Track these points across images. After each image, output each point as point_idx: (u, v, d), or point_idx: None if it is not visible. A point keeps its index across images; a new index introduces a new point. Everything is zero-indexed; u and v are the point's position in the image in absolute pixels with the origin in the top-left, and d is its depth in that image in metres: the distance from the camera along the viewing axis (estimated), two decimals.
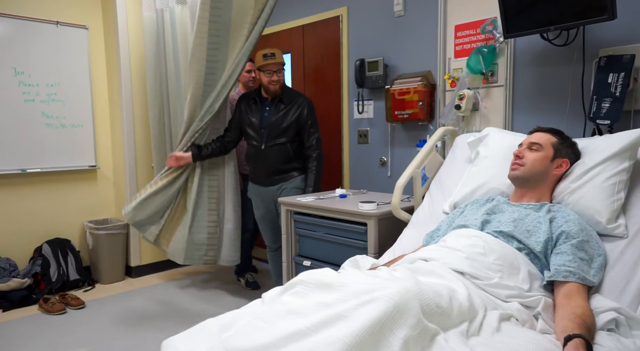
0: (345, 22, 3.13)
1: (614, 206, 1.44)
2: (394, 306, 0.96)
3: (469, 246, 1.37)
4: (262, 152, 2.74)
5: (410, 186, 2.30)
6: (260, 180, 2.83)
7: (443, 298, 1.10)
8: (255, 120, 2.75)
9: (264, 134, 2.72)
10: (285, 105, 2.73)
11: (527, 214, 1.47)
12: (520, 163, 1.56)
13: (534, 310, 1.25)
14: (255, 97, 2.78)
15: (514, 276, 1.29)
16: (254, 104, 2.77)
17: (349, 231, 2.28)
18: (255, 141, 2.75)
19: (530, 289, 1.28)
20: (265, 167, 2.78)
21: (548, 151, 1.56)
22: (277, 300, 1.20)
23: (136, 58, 3.60)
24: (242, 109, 2.81)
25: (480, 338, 1.10)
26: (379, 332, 0.93)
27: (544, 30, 2.00)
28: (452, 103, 2.48)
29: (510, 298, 1.24)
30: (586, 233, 1.38)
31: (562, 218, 1.41)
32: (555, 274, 1.29)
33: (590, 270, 1.31)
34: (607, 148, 1.52)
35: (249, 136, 2.78)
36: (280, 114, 2.71)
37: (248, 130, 2.77)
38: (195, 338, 1.13)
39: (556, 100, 2.19)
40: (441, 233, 1.67)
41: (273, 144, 2.72)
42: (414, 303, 0.99)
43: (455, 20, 2.53)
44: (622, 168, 1.47)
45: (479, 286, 1.26)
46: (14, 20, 3.27)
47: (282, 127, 2.71)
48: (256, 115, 2.74)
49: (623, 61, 1.86)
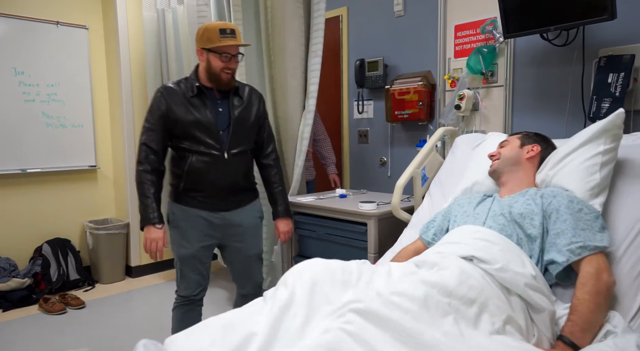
0: (345, 22, 3.14)
1: (589, 185, 1.48)
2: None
3: (474, 240, 1.39)
4: (224, 163, 1.97)
5: (410, 186, 2.31)
6: (214, 203, 2.00)
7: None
8: (208, 118, 1.94)
9: (224, 137, 1.97)
10: (241, 98, 2.05)
11: (516, 200, 1.51)
12: (496, 158, 1.69)
13: (535, 314, 1.25)
14: (195, 88, 1.95)
15: (520, 266, 1.30)
16: (196, 99, 1.95)
17: (349, 231, 2.28)
18: (212, 149, 1.94)
19: (536, 279, 1.29)
20: (226, 183, 2.01)
21: (515, 142, 1.70)
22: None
23: (136, 58, 3.60)
24: (176, 107, 1.93)
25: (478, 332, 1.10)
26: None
27: (544, 30, 2.00)
28: (452, 103, 2.48)
29: (528, 288, 1.24)
30: (576, 201, 1.42)
31: (549, 196, 1.45)
32: (571, 256, 1.32)
33: (596, 236, 1.33)
34: (581, 136, 1.58)
35: (199, 142, 1.94)
36: (241, 110, 2.03)
37: (197, 133, 1.93)
38: (197, 336, 1.13)
39: (556, 100, 2.19)
40: (436, 224, 1.71)
41: (238, 151, 2.01)
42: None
43: (455, 20, 2.54)
44: (596, 152, 1.52)
45: (487, 270, 1.26)
46: (14, 20, 3.27)
47: (247, 127, 2.06)
48: (205, 112, 1.95)
49: (623, 61, 1.87)
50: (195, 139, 1.93)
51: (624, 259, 1.38)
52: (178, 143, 1.96)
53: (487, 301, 1.17)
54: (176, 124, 1.93)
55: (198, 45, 1.93)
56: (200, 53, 1.94)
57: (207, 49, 1.90)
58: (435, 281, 1.17)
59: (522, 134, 1.74)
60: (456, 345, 1.02)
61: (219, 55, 1.90)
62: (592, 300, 1.23)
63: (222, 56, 1.90)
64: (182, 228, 1.99)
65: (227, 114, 2.00)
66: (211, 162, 1.95)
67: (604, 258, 1.32)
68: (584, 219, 1.37)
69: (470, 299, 1.15)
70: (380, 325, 1.02)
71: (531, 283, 1.25)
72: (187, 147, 1.95)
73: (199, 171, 1.95)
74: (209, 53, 1.91)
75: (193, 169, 1.94)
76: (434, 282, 1.17)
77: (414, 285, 1.16)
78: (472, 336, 1.08)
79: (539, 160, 1.66)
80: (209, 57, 1.92)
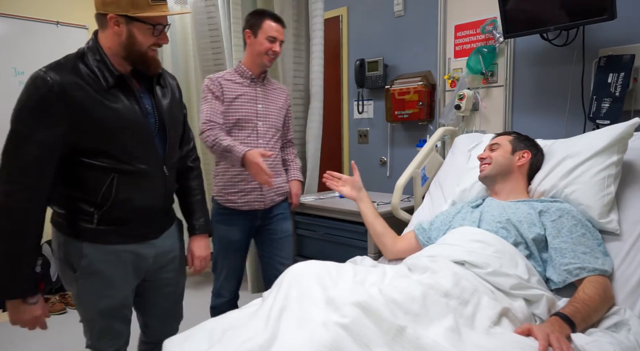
0: (345, 22, 3.13)
1: (605, 200, 1.45)
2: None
3: (468, 241, 1.38)
4: (163, 181, 1.47)
5: (410, 186, 2.30)
6: (144, 233, 1.48)
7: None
8: (138, 119, 1.38)
9: (158, 144, 1.44)
10: (163, 87, 1.52)
11: (517, 207, 1.49)
12: (487, 162, 1.65)
13: (534, 306, 1.26)
14: (112, 76, 1.34)
15: (513, 268, 1.30)
16: (115, 91, 1.35)
17: (349, 231, 2.28)
18: (146, 163, 1.40)
19: (529, 280, 1.28)
20: (162, 205, 1.52)
21: (506, 146, 1.66)
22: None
23: None
24: (86, 103, 1.28)
25: (475, 332, 1.10)
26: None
27: (544, 30, 2.00)
28: (452, 103, 2.48)
29: (514, 290, 1.24)
30: (581, 225, 1.39)
31: (555, 214, 1.42)
32: (568, 277, 1.31)
33: (597, 260, 1.32)
34: (594, 144, 1.53)
35: (127, 155, 1.36)
36: (169, 103, 1.51)
37: (124, 142, 1.36)
38: (196, 338, 1.13)
39: (556, 100, 2.19)
40: (435, 226, 1.69)
41: (175, 160, 1.55)
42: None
43: (455, 20, 2.53)
44: (610, 162, 1.48)
45: (479, 275, 1.26)
46: (14, 20, 3.27)
47: (179, 126, 1.58)
48: (132, 110, 1.37)
49: (623, 61, 1.86)
50: (120, 151, 1.34)
51: (627, 261, 1.37)
52: (90, 159, 1.32)
53: (480, 300, 1.17)
54: (88, 131, 1.30)
55: (108, 9, 1.31)
56: (113, 22, 1.32)
57: (129, 17, 1.31)
58: (431, 283, 1.17)
59: (512, 136, 1.70)
60: (454, 347, 1.02)
61: (150, 28, 1.35)
62: (598, 301, 1.22)
63: (155, 29, 1.36)
64: (102, 273, 1.40)
65: (153, 111, 1.44)
66: (146, 182, 1.41)
67: (606, 279, 1.30)
68: (586, 244, 1.35)
69: (465, 300, 1.16)
70: (379, 322, 1.01)
71: (524, 284, 1.26)
72: (106, 165, 1.33)
73: (128, 197, 1.38)
74: (132, 23, 1.32)
75: (120, 196, 1.36)
76: (430, 283, 1.17)
77: (412, 284, 1.16)
78: (469, 335, 1.08)
79: (529, 167, 1.64)
80: (132, 28, 1.33)
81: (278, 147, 2.26)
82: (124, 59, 1.37)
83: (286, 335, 0.98)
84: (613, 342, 1.09)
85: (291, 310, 1.06)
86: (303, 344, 0.93)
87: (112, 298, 1.45)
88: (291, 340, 0.96)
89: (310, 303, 1.06)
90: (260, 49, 2.07)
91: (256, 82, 2.16)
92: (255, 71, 2.14)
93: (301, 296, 1.10)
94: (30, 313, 1.29)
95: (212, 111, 2.06)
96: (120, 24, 1.32)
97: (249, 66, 2.15)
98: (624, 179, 1.52)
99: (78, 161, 1.32)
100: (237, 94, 2.10)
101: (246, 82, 2.14)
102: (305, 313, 1.03)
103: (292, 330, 0.99)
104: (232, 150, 1.92)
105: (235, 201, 2.12)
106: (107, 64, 1.34)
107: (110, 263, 1.41)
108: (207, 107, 2.07)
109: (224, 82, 2.10)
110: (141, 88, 1.44)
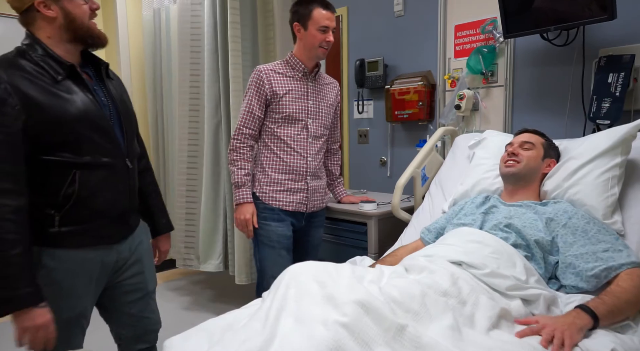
0: (345, 22, 3.13)
1: (609, 201, 1.45)
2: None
3: (466, 242, 1.38)
4: (127, 175, 1.41)
5: (410, 186, 2.30)
6: (108, 235, 1.40)
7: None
8: (95, 110, 1.31)
9: (118, 136, 1.38)
10: (111, 78, 1.46)
11: (523, 212, 1.48)
12: (516, 160, 1.60)
13: (533, 306, 1.25)
14: (62, 66, 1.27)
15: (510, 268, 1.29)
16: (67, 82, 1.28)
17: (349, 231, 2.28)
18: (109, 156, 1.34)
19: (527, 281, 1.28)
20: (128, 204, 1.44)
21: (539, 150, 1.63)
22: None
23: (136, 58, 3.60)
24: (39, 97, 1.22)
25: (474, 332, 1.10)
26: None
27: (544, 30, 2.00)
28: (452, 103, 2.48)
29: (510, 291, 1.24)
30: (593, 222, 1.39)
31: (563, 217, 1.42)
32: (597, 280, 1.28)
33: (621, 253, 1.29)
34: (598, 145, 1.54)
35: (89, 148, 1.30)
36: (121, 94, 1.47)
37: (84, 135, 1.29)
38: (196, 338, 1.13)
39: (556, 100, 2.19)
40: (438, 226, 1.70)
41: (135, 154, 1.49)
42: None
43: (455, 20, 2.53)
44: (614, 164, 1.48)
45: (476, 275, 1.26)
46: (14, 20, 3.25)
47: (134, 119, 1.52)
48: (87, 102, 1.29)
49: (623, 61, 1.86)
50: (80, 142, 1.27)
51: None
52: (49, 156, 1.24)
53: (478, 300, 1.17)
54: (46, 125, 1.22)
55: None
56: (43, 7, 1.27)
57: None
58: (429, 283, 1.17)
59: (545, 140, 1.66)
60: (454, 346, 1.02)
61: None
62: (633, 293, 1.20)
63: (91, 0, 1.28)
64: (60, 282, 1.31)
65: (107, 102, 1.37)
66: (110, 177, 1.34)
67: (636, 275, 1.26)
68: (605, 240, 1.33)
69: (463, 299, 1.16)
70: (379, 320, 1.01)
71: (521, 285, 1.25)
72: (67, 160, 1.25)
73: (92, 193, 1.29)
74: (61, 0, 1.24)
75: (82, 193, 1.27)
76: (428, 283, 1.17)
77: (410, 283, 1.16)
78: (469, 334, 1.08)
79: (548, 174, 1.64)
80: (64, 5, 1.24)
81: (324, 151, 2.17)
82: (71, 42, 1.29)
83: (285, 335, 0.98)
84: (615, 341, 1.09)
85: (290, 309, 1.05)
86: (303, 343, 0.93)
87: (72, 309, 1.35)
88: (290, 340, 0.96)
89: (309, 302, 1.05)
90: (313, 43, 1.96)
91: (307, 77, 2.06)
92: (308, 64, 2.03)
93: (300, 295, 1.09)
94: (45, 317, 1.22)
95: (246, 115, 1.98)
96: (50, 5, 1.24)
97: (302, 58, 2.02)
98: (627, 180, 1.52)
99: (39, 161, 1.24)
100: (287, 89, 1.99)
101: (297, 75, 2.03)
102: (305, 311, 1.02)
103: (291, 330, 0.99)
104: (238, 189, 1.98)
105: (281, 200, 2.03)
106: (54, 56, 1.26)
107: (70, 272, 1.32)
108: (244, 109, 2.00)
109: (274, 77, 1.98)
110: (92, 80, 1.37)
